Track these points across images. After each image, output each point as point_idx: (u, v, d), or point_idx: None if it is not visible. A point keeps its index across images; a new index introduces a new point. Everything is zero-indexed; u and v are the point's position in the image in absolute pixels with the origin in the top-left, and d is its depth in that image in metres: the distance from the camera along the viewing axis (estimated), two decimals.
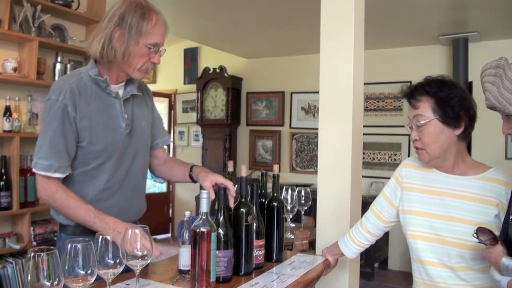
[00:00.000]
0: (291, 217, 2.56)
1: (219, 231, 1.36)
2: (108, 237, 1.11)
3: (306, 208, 2.51)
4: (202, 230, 1.26)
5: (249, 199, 1.49)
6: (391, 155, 5.08)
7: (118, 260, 1.11)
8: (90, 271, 1.02)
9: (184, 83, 6.63)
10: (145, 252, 1.21)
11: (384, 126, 5.08)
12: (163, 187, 6.94)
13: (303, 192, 2.48)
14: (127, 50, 1.44)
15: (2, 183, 2.77)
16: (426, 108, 1.40)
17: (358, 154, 2.16)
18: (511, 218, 1.17)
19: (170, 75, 6.71)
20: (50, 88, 1.48)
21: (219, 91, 6.02)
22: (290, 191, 2.48)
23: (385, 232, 1.71)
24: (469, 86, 4.30)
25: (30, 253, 0.94)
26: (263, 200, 1.68)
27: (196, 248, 1.26)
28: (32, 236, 2.87)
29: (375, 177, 5.06)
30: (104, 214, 1.43)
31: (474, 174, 1.43)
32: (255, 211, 1.51)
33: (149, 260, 1.22)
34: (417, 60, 4.82)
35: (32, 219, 2.90)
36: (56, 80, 2.47)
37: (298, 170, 5.72)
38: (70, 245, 1.01)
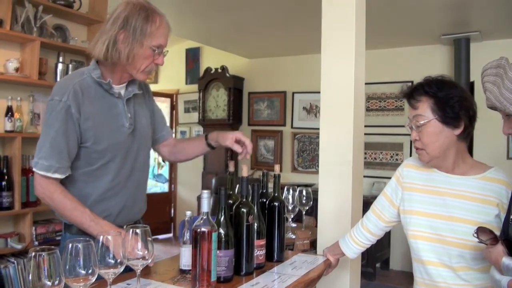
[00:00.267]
0: (292, 217, 2.56)
1: (220, 231, 1.36)
2: (109, 236, 1.11)
3: (308, 208, 2.51)
4: (203, 230, 1.26)
5: (250, 199, 1.49)
6: (393, 155, 5.07)
7: (119, 260, 1.12)
8: (91, 270, 1.03)
9: (186, 83, 6.64)
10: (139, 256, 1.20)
11: (386, 126, 5.08)
12: (165, 187, 6.95)
13: (304, 192, 2.47)
14: (132, 52, 1.45)
15: (4, 183, 2.78)
16: (425, 108, 1.40)
17: (359, 154, 2.16)
18: (511, 218, 1.17)
19: (172, 75, 6.71)
20: (53, 88, 1.48)
21: (220, 91, 6.03)
22: (291, 191, 2.47)
23: (386, 232, 1.71)
24: (470, 86, 4.28)
25: (31, 252, 0.94)
26: (264, 200, 1.68)
27: (197, 248, 1.26)
28: (34, 236, 2.88)
29: (377, 177, 5.06)
30: (99, 218, 1.44)
31: (474, 174, 1.43)
32: (256, 211, 1.51)
33: (149, 260, 1.22)
34: (418, 60, 4.81)
35: (34, 219, 2.91)
36: (59, 80, 2.48)
37: (300, 170, 5.72)
38: (71, 244, 1.01)
